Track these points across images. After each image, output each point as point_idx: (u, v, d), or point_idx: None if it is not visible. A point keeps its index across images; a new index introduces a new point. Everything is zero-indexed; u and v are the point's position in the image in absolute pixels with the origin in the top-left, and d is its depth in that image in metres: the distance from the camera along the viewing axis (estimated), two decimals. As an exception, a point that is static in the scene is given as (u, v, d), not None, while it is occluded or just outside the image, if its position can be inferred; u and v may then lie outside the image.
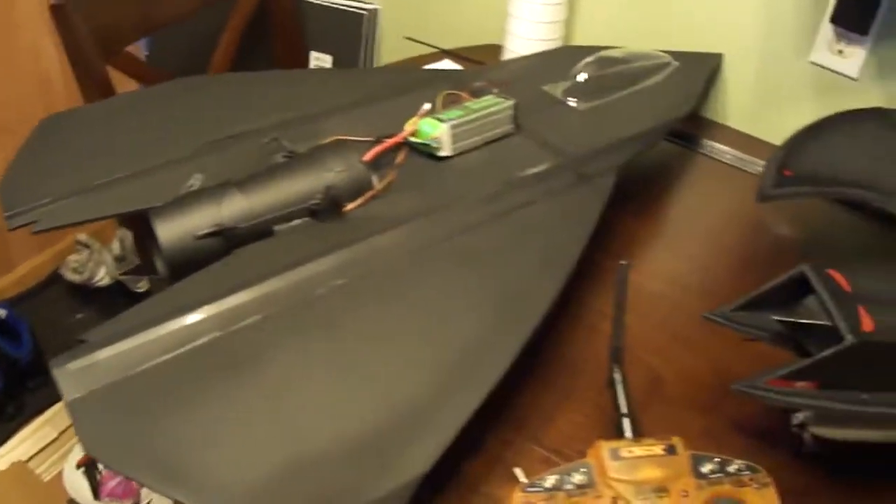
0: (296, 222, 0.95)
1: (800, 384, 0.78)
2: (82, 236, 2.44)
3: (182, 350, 0.79)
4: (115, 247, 2.38)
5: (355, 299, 0.86)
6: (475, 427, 0.78)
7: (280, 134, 1.06)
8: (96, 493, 1.92)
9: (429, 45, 1.71)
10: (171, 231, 0.90)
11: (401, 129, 1.08)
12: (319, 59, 2.02)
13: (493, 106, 1.11)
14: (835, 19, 1.36)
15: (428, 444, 0.74)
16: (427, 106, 1.10)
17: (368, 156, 1.00)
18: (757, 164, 1.37)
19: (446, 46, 1.70)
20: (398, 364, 0.81)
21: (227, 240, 0.92)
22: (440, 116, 1.07)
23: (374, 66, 2.04)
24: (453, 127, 1.05)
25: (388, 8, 1.99)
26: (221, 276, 0.87)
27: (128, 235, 2.38)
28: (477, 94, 1.16)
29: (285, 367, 0.79)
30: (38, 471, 2.05)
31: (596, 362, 0.99)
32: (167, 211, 0.91)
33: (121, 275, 2.35)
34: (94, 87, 1.51)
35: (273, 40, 1.89)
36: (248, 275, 0.86)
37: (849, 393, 0.78)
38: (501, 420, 0.91)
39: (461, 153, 1.08)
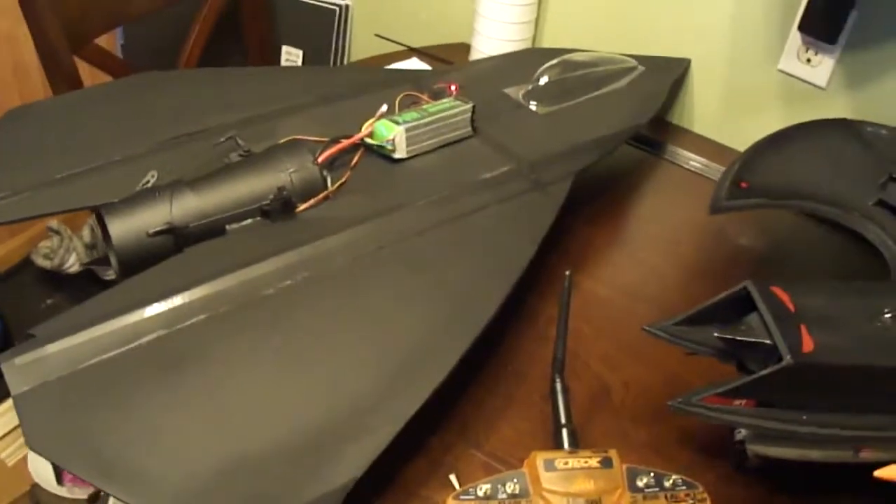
0: (248, 222, 0.95)
1: (737, 402, 0.78)
2: (53, 223, 2.41)
3: (128, 347, 0.80)
4: (86, 234, 2.35)
5: (302, 300, 0.87)
6: (418, 429, 0.79)
7: (237, 132, 1.06)
8: (59, 478, 1.92)
9: (398, 42, 1.71)
10: (123, 228, 0.92)
11: (359, 129, 1.08)
12: (290, 54, 2.03)
13: (451, 109, 1.11)
14: (803, 27, 1.37)
15: (364, 447, 0.75)
16: (384, 107, 1.10)
17: (323, 156, 1.01)
18: (717, 169, 1.37)
19: (416, 44, 1.71)
20: (341, 366, 0.82)
21: (179, 238, 0.92)
22: (396, 118, 1.07)
23: (346, 61, 2.05)
24: (408, 129, 1.06)
25: (360, 4, 1.99)
26: (171, 274, 0.88)
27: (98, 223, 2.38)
28: (436, 96, 1.17)
29: (228, 366, 0.80)
30: (1, 455, 2.04)
31: (543, 369, 0.98)
32: (119, 208, 0.93)
33: (87, 264, 2.35)
34: (63, 78, 1.51)
35: (245, 34, 1.90)
36: (198, 273, 0.87)
37: (787, 412, 0.79)
38: (445, 424, 0.91)
39: (416, 155, 1.08)
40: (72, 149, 1.08)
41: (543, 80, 1.27)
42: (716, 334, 0.83)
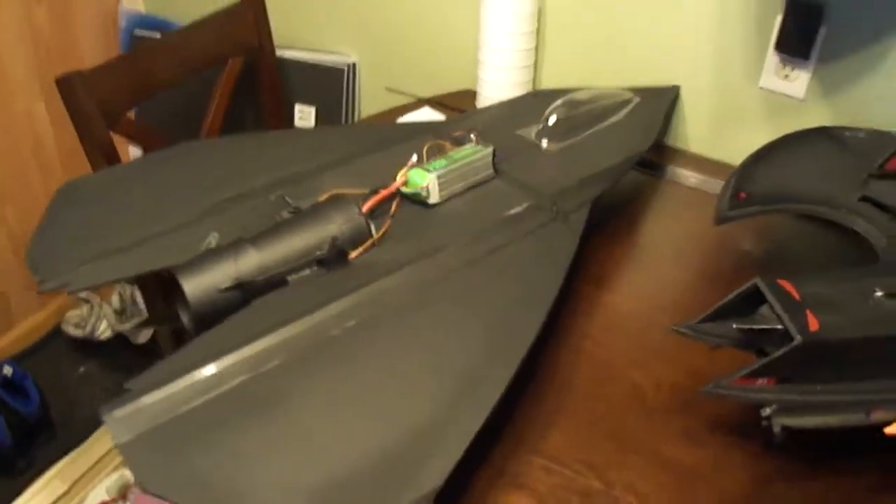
0: (306, 272, 1.05)
1: (760, 381, 0.89)
2: (82, 292, 2.52)
3: (216, 392, 0.89)
4: (115, 301, 2.46)
5: (366, 338, 0.96)
6: (480, 443, 0.88)
7: (283, 192, 1.16)
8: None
9: (408, 94, 1.81)
10: (196, 286, 1.00)
11: (391, 180, 1.18)
12: (304, 112, 2.12)
13: (474, 154, 1.21)
14: (779, 47, 1.49)
15: (440, 462, 0.84)
16: (414, 157, 1.20)
17: (366, 207, 1.11)
18: (718, 185, 1.47)
19: (424, 95, 1.82)
20: (409, 392, 0.91)
21: (246, 291, 1.01)
22: (427, 167, 1.17)
23: (357, 116, 2.15)
24: (439, 176, 1.16)
25: (367, 61, 2.09)
26: (244, 324, 0.97)
27: (127, 289, 2.47)
28: (458, 142, 1.27)
29: (310, 401, 0.89)
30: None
31: (582, 379, 1.10)
32: (191, 268, 1.01)
33: (128, 327, 2.44)
34: (100, 153, 1.61)
35: (260, 96, 1.99)
36: (268, 322, 0.96)
37: (803, 385, 0.89)
38: (503, 436, 1.01)
39: (448, 199, 1.19)
40: (130, 217, 1.17)
41: (552, 120, 1.37)
42: (735, 326, 0.94)
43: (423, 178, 1.16)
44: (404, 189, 1.17)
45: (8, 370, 2.28)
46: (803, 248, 1.38)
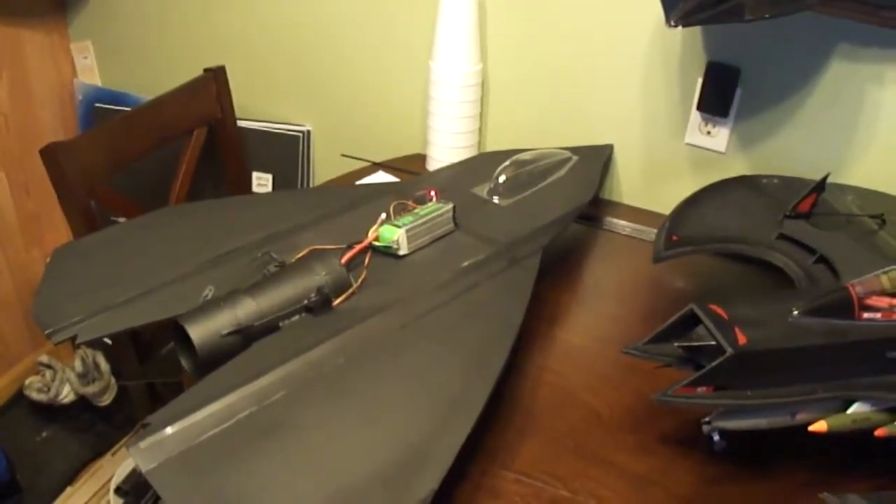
0: (296, 318, 1.17)
1: (700, 389, 1.04)
2: (44, 358, 2.59)
3: (228, 423, 1.00)
4: (78, 365, 2.54)
5: (356, 371, 1.09)
6: (459, 461, 1.00)
7: (268, 248, 1.29)
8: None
9: (363, 159, 1.95)
10: (201, 332, 1.11)
11: (363, 236, 1.31)
12: (261, 178, 2.24)
13: (436, 210, 1.35)
14: (700, 107, 1.67)
15: (434, 469, 0.97)
16: (384, 215, 1.34)
17: (344, 260, 1.24)
18: (651, 233, 1.64)
19: (377, 159, 1.95)
20: (400, 414, 1.04)
21: (245, 336, 1.13)
22: (396, 223, 1.31)
23: (312, 181, 2.28)
24: (408, 231, 1.30)
25: (321, 129, 2.22)
26: (247, 364, 1.09)
27: (89, 353, 2.55)
28: (419, 201, 1.40)
29: (313, 426, 1.02)
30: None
31: (543, 404, 1.24)
32: (195, 317, 1.12)
33: (93, 390, 2.51)
34: (81, 219, 1.72)
35: (221, 164, 2.11)
36: (269, 362, 1.08)
37: (736, 392, 1.04)
38: (477, 454, 1.14)
39: (415, 250, 1.32)
40: (126, 275, 1.29)
41: (501, 179, 1.52)
42: (675, 344, 1.09)
43: (393, 233, 1.29)
44: (376, 243, 1.31)
45: (-26, 435, 2.34)
46: (728, 283, 1.54)
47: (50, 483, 2.46)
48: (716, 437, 1.08)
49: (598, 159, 1.70)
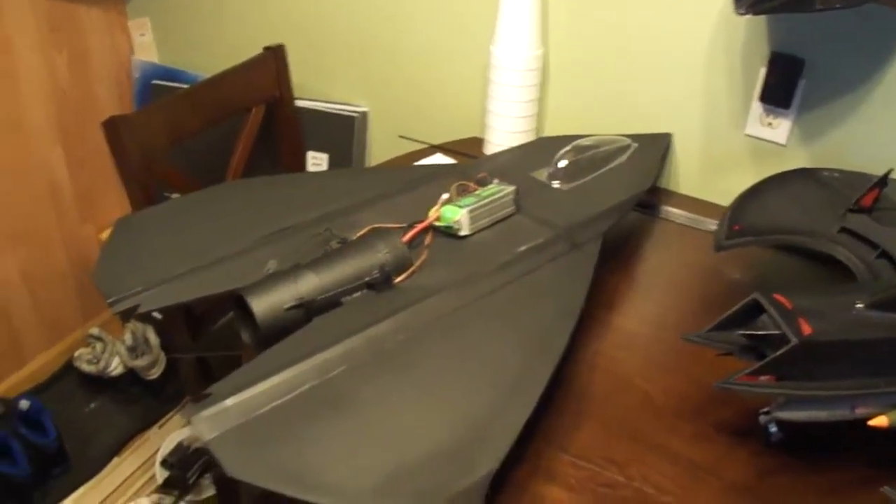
0: (357, 294, 1.18)
1: (762, 378, 1.03)
2: (94, 330, 2.62)
3: (290, 396, 1.01)
4: (128, 338, 2.57)
5: (418, 348, 1.10)
6: (517, 443, 1.00)
7: (328, 225, 1.29)
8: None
9: (421, 141, 1.95)
10: (263, 305, 1.12)
11: (423, 215, 1.32)
12: (317, 158, 2.25)
13: (498, 192, 1.35)
14: (763, 98, 1.65)
15: (495, 448, 0.97)
16: (445, 196, 1.35)
17: (406, 238, 1.25)
18: (707, 223, 1.63)
19: (433, 142, 1.96)
20: (460, 393, 1.05)
21: (307, 311, 1.14)
22: (458, 203, 1.31)
23: (367, 162, 2.28)
24: (470, 211, 1.30)
25: (378, 110, 2.23)
26: (308, 339, 1.10)
27: (139, 327, 2.58)
28: (481, 183, 1.41)
29: (373, 401, 1.02)
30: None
31: (599, 389, 1.24)
32: (257, 290, 1.13)
33: (143, 363, 2.53)
34: (140, 192, 1.74)
35: (277, 143, 2.13)
36: (330, 337, 1.09)
37: (798, 382, 1.04)
38: (535, 436, 1.15)
39: (476, 232, 1.33)
40: (187, 247, 1.30)
41: (562, 164, 1.52)
42: (739, 332, 1.09)
43: (455, 214, 1.30)
44: (438, 223, 1.31)
45: (25, 404, 2.37)
46: (784, 276, 1.53)
47: (97, 454, 2.49)
48: (772, 429, 1.07)
49: (656, 148, 1.69)
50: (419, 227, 1.29)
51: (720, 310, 1.11)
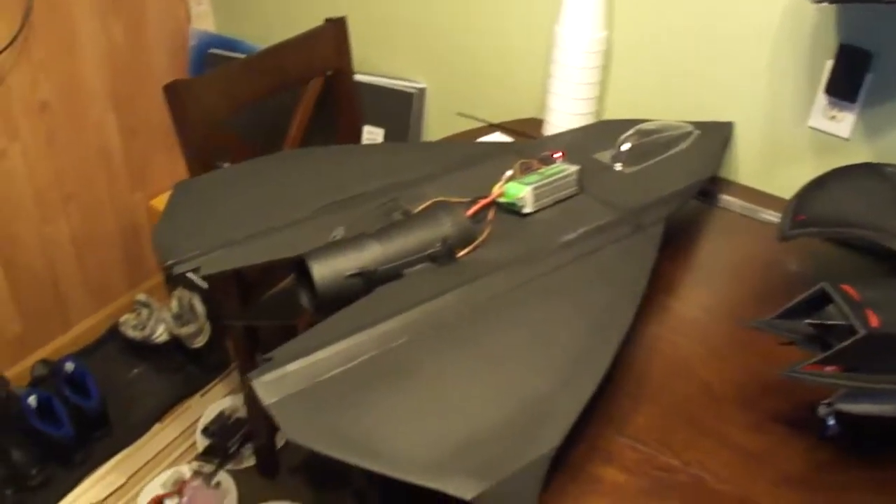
0: (419, 266, 1.18)
1: (828, 368, 1.02)
2: (141, 296, 2.64)
3: (352, 364, 1.01)
4: (174, 305, 2.59)
5: (481, 322, 1.09)
6: (576, 422, 1.00)
7: (392, 196, 1.29)
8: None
9: (480, 119, 1.95)
10: (324, 272, 1.12)
11: (485, 191, 1.32)
12: (373, 133, 2.25)
13: (562, 171, 1.35)
14: (828, 90, 1.62)
15: (557, 426, 0.97)
16: (509, 172, 1.34)
17: (470, 212, 1.24)
18: (765, 214, 1.62)
19: (490, 121, 1.95)
20: (523, 368, 1.04)
21: (368, 280, 1.14)
22: (522, 181, 1.31)
23: (423, 139, 2.28)
24: (534, 189, 1.30)
25: (436, 87, 2.22)
26: (370, 308, 1.10)
27: (185, 295, 2.60)
28: (544, 162, 1.40)
29: (436, 372, 1.02)
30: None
31: (657, 373, 1.23)
32: (319, 256, 1.13)
33: (189, 331, 2.55)
34: (197, 157, 1.74)
35: (334, 116, 2.12)
36: (392, 307, 1.09)
37: (865, 374, 1.02)
38: (594, 417, 1.14)
39: (539, 210, 1.32)
40: (247, 212, 1.30)
41: (625, 146, 1.51)
42: (806, 321, 1.08)
43: (519, 191, 1.29)
44: (501, 199, 1.31)
45: (70, 367, 2.40)
46: (842, 270, 1.51)
47: (138, 419, 2.51)
48: (830, 422, 1.06)
49: (719, 136, 1.68)
50: (483, 202, 1.29)
51: (777, 300, 1.11)
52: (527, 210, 1.30)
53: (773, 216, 1.59)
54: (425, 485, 0.89)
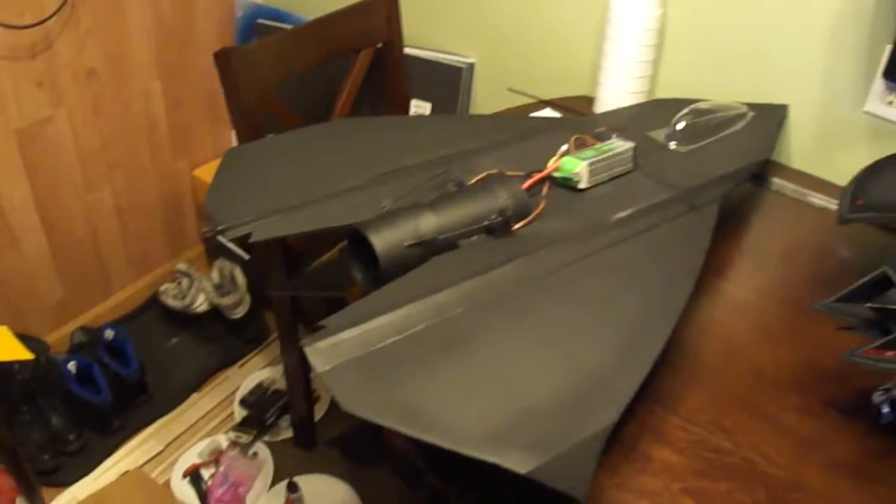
0: (474, 238, 1.17)
1: (889, 353, 1.01)
2: (182, 266, 2.65)
3: (407, 333, 1.00)
4: (215, 276, 2.59)
5: (536, 297, 1.08)
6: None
7: (446, 168, 1.28)
8: (203, 499, 2.13)
9: (531, 95, 1.93)
10: (384, 241, 1.11)
11: (539, 165, 1.31)
12: (419, 107, 2.24)
13: (618, 148, 1.34)
14: (887, 75, 1.60)
15: (613, 403, 0.96)
16: (564, 147, 1.33)
17: (525, 186, 1.23)
18: (817, 199, 1.60)
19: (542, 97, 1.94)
20: (579, 344, 1.03)
21: (425, 250, 1.13)
22: (578, 156, 1.30)
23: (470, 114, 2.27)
24: (590, 164, 1.29)
25: (485, 62, 2.21)
26: (426, 278, 1.09)
27: (226, 265, 2.60)
28: (599, 138, 1.39)
29: (494, 344, 1.01)
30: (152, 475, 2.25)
31: (709, 354, 1.22)
32: (377, 226, 1.12)
33: (229, 301, 2.55)
34: (246, 124, 1.74)
35: (383, 88, 2.11)
36: (447, 278, 1.08)
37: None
38: (646, 396, 1.13)
39: (594, 185, 1.31)
40: (299, 180, 1.30)
41: (680, 125, 1.49)
42: (868, 305, 1.07)
43: (575, 165, 1.28)
44: (556, 174, 1.30)
45: (109, 334, 2.41)
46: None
47: (176, 388, 2.52)
48: (885, 409, 1.04)
49: (773, 118, 1.66)
50: (538, 176, 1.28)
51: (830, 286, 1.10)
52: (582, 185, 1.29)
53: (825, 201, 1.58)
54: (480, 457, 0.88)
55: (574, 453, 0.90)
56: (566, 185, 1.29)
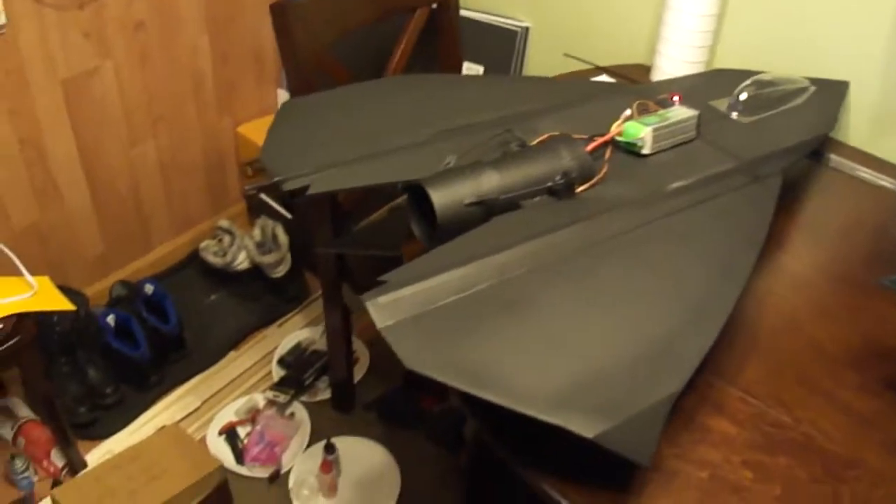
0: (537, 199, 1.15)
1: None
2: (224, 223, 2.64)
3: (469, 292, 0.99)
4: (257, 234, 2.59)
5: (599, 260, 1.07)
6: None
7: (508, 127, 1.27)
8: (238, 457, 2.13)
9: (587, 62, 1.91)
10: (444, 198, 1.09)
11: (601, 129, 1.29)
12: (472, 69, 2.23)
13: (682, 115, 1.32)
14: (950, 56, 1.57)
15: (679, 371, 0.95)
16: (627, 111, 1.31)
17: (589, 148, 1.22)
18: (875, 178, 1.58)
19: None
20: (644, 309, 1.02)
21: (486, 209, 1.11)
22: (642, 121, 1.28)
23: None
24: (654, 130, 1.27)
25: (540, 27, 2.19)
26: (488, 237, 1.08)
27: (268, 223, 2.60)
28: (662, 104, 1.37)
29: (557, 305, 1.00)
30: (189, 431, 2.25)
31: (768, 327, 1.20)
32: (438, 182, 1.11)
33: (271, 260, 2.55)
34: (300, 78, 1.72)
35: (436, 48, 2.09)
36: (510, 238, 1.07)
37: None
38: (705, 368, 1.12)
39: (657, 152, 1.29)
40: (356, 134, 1.29)
41: (743, 96, 1.47)
42: None
43: (639, 131, 1.26)
44: (619, 138, 1.28)
45: (149, 288, 2.41)
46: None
47: (215, 345, 2.52)
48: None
49: (835, 94, 1.64)
50: (601, 139, 1.26)
51: (888, 264, 1.10)
52: (645, 151, 1.27)
53: (884, 180, 1.56)
54: (545, 420, 0.88)
55: (639, 420, 0.90)
56: (629, 150, 1.28)
